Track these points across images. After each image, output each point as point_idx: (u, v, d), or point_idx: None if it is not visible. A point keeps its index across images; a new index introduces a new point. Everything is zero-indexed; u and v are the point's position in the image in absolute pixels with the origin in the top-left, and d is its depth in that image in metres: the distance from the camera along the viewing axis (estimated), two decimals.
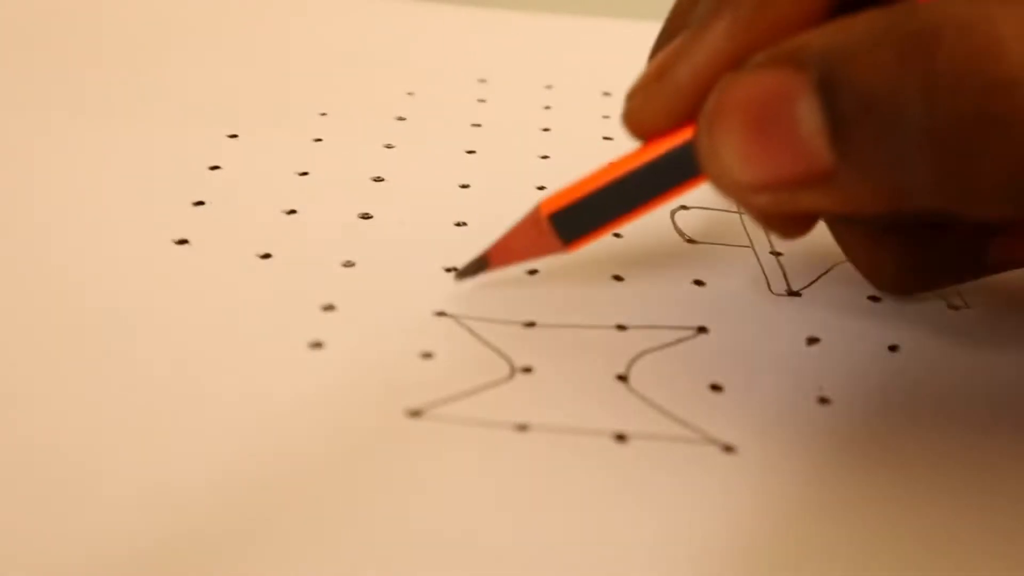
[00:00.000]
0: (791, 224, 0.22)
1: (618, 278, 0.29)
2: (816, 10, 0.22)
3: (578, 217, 0.24)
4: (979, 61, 0.18)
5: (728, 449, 0.23)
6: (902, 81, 0.19)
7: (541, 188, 0.32)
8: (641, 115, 0.23)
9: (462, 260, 0.28)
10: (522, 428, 0.23)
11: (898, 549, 0.21)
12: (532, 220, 0.25)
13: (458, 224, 0.30)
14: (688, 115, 0.23)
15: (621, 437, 0.23)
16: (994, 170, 0.19)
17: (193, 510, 0.21)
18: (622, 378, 0.25)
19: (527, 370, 0.25)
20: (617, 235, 0.30)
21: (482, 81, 0.41)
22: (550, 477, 0.22)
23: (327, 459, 0.22)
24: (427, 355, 0.25)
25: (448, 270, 0.28)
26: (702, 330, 0.27)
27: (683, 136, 0.23)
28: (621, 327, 0.27)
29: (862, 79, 0.19)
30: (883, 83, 0.19)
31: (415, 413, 0.23)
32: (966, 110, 0.18)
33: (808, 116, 0.20)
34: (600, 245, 0.30)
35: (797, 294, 0.28)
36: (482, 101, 0.39)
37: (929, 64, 0.19)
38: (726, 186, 0.21)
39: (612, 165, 0.24)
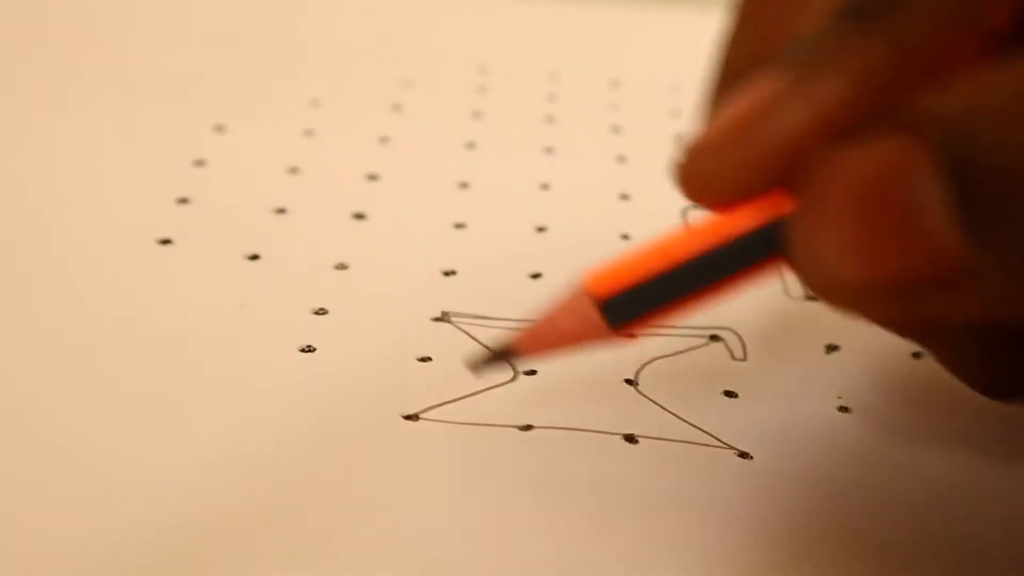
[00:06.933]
0: (914, 332, 0.20)
1: None
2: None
3: (629, 304, 0.20)
4: None
5: (744, 455, 0.23)
6: None
7: (544, 187, 0.31)
8: (712, 184, 0.18)
9: (462, 263, 0.27)
10: (526, 428, 0.23)
11: (918, 560, 0.21)
12: (574, 304, 0.20)
13: (457, 226, 0.30)
14: (774, 183, 0.18)
15: (631, 439, 0.23)
16: None
17: (183, 515, 0.20)
18: (630, 382, 0.24)
19: (531, 373, 0.24)
20: (625, 237, 0.29)
21: (482, 68, 0.40)
22: (556, 478, 0.22)
23: (319, 464, 0.22)
24: (424, 359, 0.25)
25: (447, 273, 0.28)
26: (715, 338, 0.26)
27: (765, 212, 0.18)
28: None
29: (1010, 152, 0.15)
30: None
31: (412, 416, 0.23)
32: None
33: (930, 198, 0.16)
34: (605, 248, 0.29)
35: (815, 297, 0.27)
36: (482, 90, 0.38)
37: None
38: (821, 284, 0.17)
39: (673, 242, 0.19)
